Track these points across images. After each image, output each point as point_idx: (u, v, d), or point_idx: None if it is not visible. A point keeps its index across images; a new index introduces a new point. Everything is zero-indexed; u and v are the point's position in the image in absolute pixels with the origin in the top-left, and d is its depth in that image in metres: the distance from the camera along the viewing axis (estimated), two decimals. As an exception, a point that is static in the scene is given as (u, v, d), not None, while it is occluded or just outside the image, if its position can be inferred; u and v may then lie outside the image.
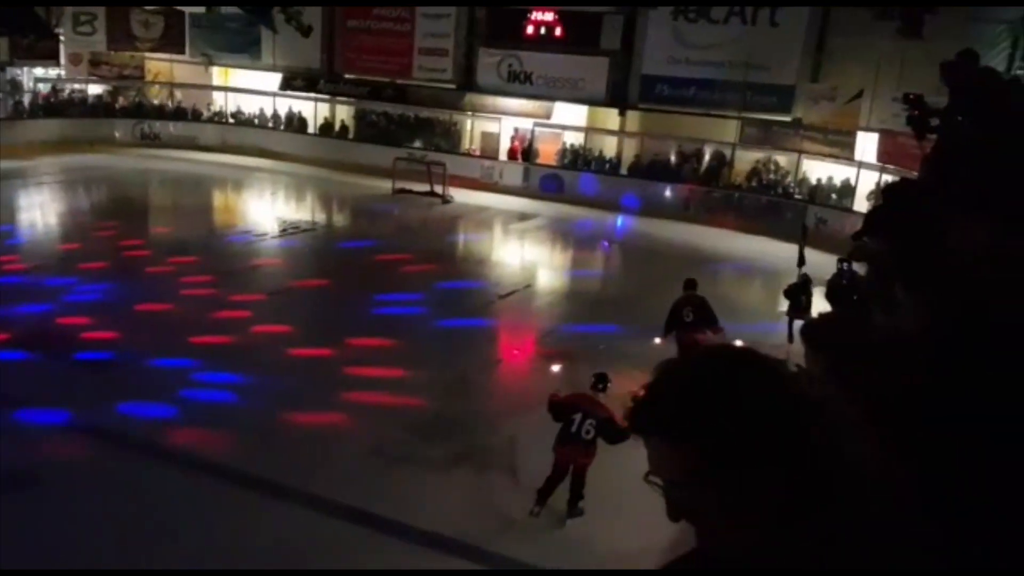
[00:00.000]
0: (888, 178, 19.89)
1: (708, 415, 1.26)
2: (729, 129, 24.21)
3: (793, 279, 13.55)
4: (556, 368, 8.97)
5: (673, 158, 25.48)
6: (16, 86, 28.61)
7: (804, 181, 23.62)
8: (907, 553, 1.34)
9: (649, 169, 25.28)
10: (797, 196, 23.40)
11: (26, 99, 28.65)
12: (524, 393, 11.53)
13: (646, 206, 24.04)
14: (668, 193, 24.65)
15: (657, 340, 11.59)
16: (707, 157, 25.03)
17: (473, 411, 10.47)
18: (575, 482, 7.95)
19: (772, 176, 24.18)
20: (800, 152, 23.43)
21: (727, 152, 24.54)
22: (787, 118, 23.57)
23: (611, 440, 7.59)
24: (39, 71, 29.38)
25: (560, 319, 14.74)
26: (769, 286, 17.50)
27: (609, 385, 8.07)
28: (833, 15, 22.50)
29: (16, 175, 23.40)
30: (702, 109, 24.44)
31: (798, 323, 13.37)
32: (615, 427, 7.52)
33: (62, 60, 29.19)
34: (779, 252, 18.53)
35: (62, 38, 28.91)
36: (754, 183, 24.27)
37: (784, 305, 13.66)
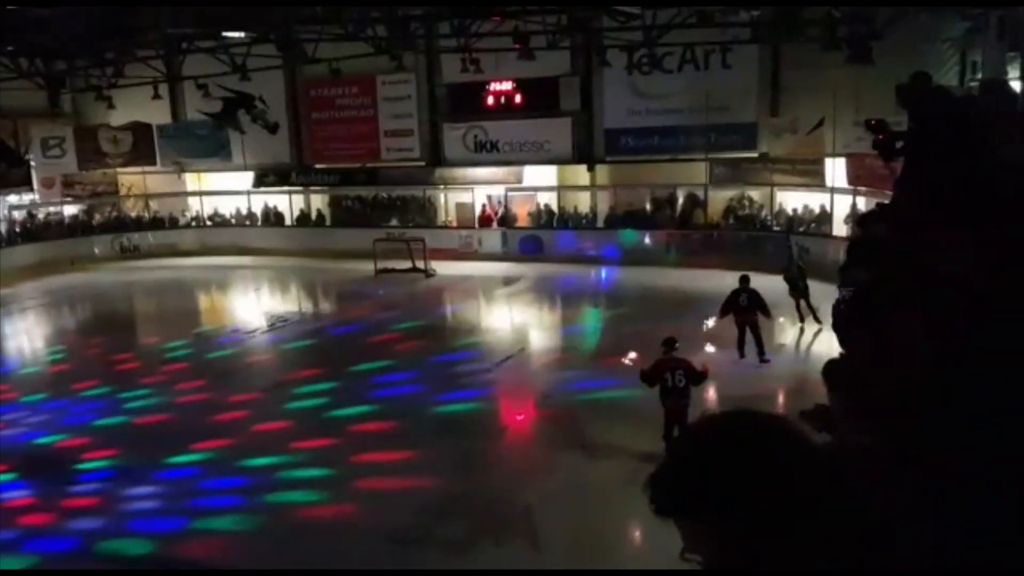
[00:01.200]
0: (861, 200, 20.21)
1: (735, 490, 1.25)
2: (698, 171, 24.57)
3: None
4: (632, 356, 11.11)
5: (648, 205, 25.79)
6: (-9, 215, 28.74)
7: (780, 212, 23.93)
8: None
9: (625, 219, 25.56)
10: (775, 228, 23.68)
11: (2, 227, 28.70)
12: (533, 459, 11.49)
13: (627, 255, 24.21)
14: (647, 240, 24.86)
15: (710, 323, 14.34)
16: (680, 200, 25.36)
17: (484, 484, 10.38)
18: (681, 422, 9.93)
19: (748, 211, 24.50)
20: (772, 185, 23.80)
21: (700, 193, 24.88)
22: (754, 154, 23.98)
23: (697, 383, 10.19)
24: (13, 199, 29.52)
25: (558, 379, 14.71)
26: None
27: (677, 345, 10.49)
28: (783, 51, 23.08)
29: (-1, 304, 23.36)
30: (669, 155, 24.83)
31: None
32: (696, 373, 10.17)
33: (35, 185, 29.36)
34: (765, 284, 18.64)
35: (33, 164, 29.13)
36: (731, 220, 24.56)
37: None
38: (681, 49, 23.38)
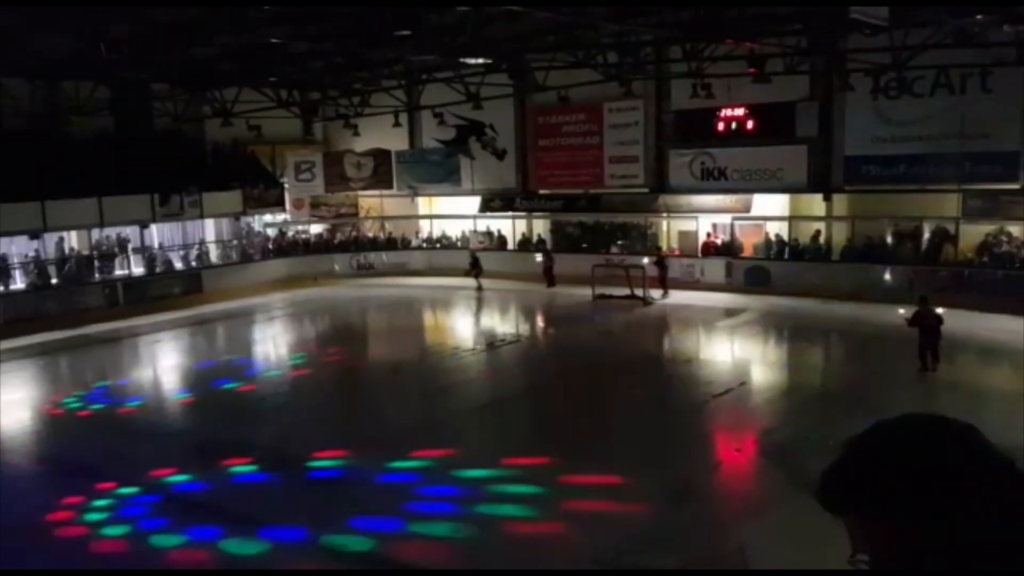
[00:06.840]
0: None
1: (915, 482, 1.20)
2: (949, 203, 22.53)
3: None
4: (901, 311, 15.54)
5: (889, 238, 23.96)
6: (249, 232, 31.72)
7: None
8: None
9: (864, 252, 23.89)
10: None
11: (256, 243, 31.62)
12: (750, 495, 10.84)
13: (863, 290, 22.58)
14: (887, 276, 23.09)
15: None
16: (927, 234, 23.34)
17: (696, 517, 9.90)
18: (934, 351, 15.19)
19: (1006, 248, 22.11)
20: (1035, 220, 21.34)
21: (950, 227, 22.79)
22: (1015, 186, 21.64)
23: (941, 323, 15.13)
24: (268, 217, 32.44)
25: (782, 415, 13.87)
26: (1021, 367, 15.71)
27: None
28: (1055, 72, 20.71)
29: (250, 312, 25.68)
30: (916, 185, 22.98)
31: None
32: (941, 321, 15.14)
33: (287, 205, 32.11)
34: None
35: (286, 186, 31.90)
36: (985, 258, 22.28)
37: None
38: (935, 72, 21.60)
